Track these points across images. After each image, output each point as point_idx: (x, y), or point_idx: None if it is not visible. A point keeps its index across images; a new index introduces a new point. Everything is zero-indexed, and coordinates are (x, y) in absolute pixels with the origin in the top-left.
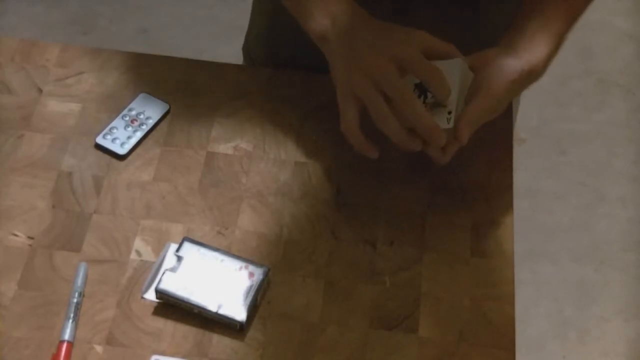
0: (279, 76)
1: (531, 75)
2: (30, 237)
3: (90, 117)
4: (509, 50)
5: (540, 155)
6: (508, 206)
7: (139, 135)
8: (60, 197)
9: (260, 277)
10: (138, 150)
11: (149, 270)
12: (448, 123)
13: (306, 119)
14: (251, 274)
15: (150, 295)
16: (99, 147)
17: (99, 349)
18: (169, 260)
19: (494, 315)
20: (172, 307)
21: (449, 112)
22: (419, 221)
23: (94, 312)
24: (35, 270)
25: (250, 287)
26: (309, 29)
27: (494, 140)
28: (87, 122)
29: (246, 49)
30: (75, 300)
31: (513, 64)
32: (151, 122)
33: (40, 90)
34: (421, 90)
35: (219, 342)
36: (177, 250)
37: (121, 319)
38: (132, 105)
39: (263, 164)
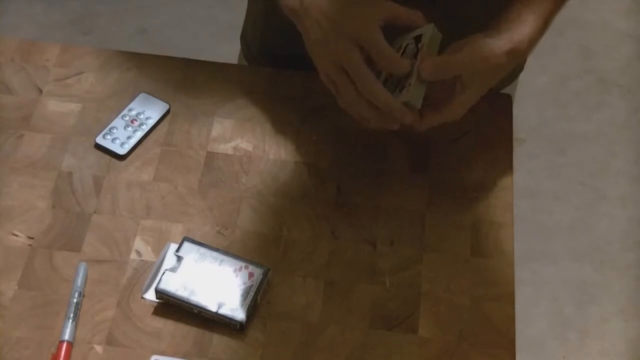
0: (279, 76)
1: (514, 55)
2: (30, 237)
3: (90, 117)
4: (492, 31)
5: (540, 155)
6: (508, 206)
7: (139, 135)
8: (60, 197)
9: (260, 277)
10: (138, 150)
11: (149, 270)
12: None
13: (306, 119)
14: (251, 274)
15: (150, 295)
16: (99, 147)
17: (99, 349)
18: (169, 260)
19: (494, 315)
20: (172, 307)
21: (409, 84)
22: (419, 221)
23: (94, 312)
24: (35, 270)
25: (250, 287)
26: (282, 4)
27: (494, 140)
28: (87, 122)
29: (244, 40)
30: (75, 300)
31: (496, 45)
32: (151, 122)
33: (40, 90)
34: (417, 41)
35: (219, 342)
36: (177, 250)
37: (121, 319)
38: (132, 105)
39: (263, 164)
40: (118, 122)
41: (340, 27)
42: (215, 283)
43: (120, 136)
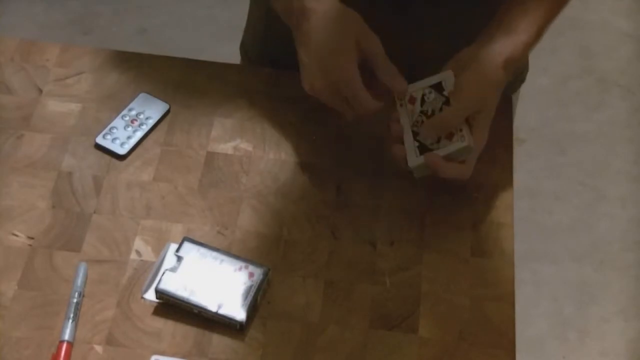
0: (279, 76)
1: (510, 64)
2: (30, 237)
3: (90, 117)
4: (485, 43)
5: (540, 155)
6: (508, 206)
7: (139, 135)
8: (60, 197)
9: (260, 277)
10: (138, 150)
11: (149, 270)
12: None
13: (306, 119)
14: (251, 274)
15: (150, 295)
16: (99, 147)
17: (99, 349)
18: (169, 260)
19: (494, 315)
20: (172, 307)
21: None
22: (419, 221)
23: (94, 312)
24: (35, 270)
25: (250, 287)
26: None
27: (494, 140)
28: (87, 122)
29: (243, 48)
30: (75, 300)
31: (489, 58)
32: (151, 122)
33: (40, 90)
34: (438, 89)
35: (219, 342)
36: (177, 250)
37: (121, 319)
38: (132, 105)
39: (263, 164)
40: (118, 122)
41: (322, 65)
42: (215, 283)
43: (120, 136)
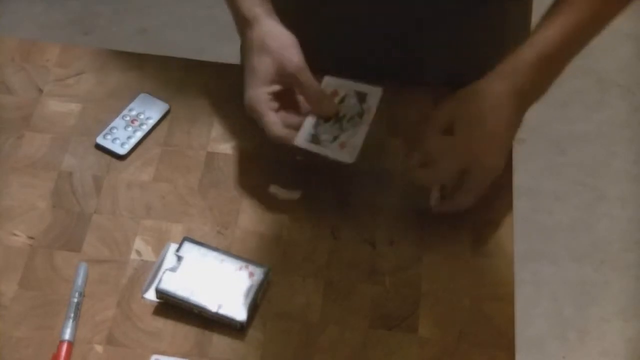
0: None
1: (506, 76)
2: (30, 237)
3: (90, 117)
4: (492, 74)
5: (540, 155)
6: (508, 206)
7: (139, 135)
8: (60, 197)
9: (260, 277)
10: (138, 150)
11: (149, 270)
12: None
13: None
14: (251, 274)
15: (151, 295)
16: (99, 147)
17: (99, 348)
18: (169, 260)
19: (494, 315)
20: (172, 307)
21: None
22: (419, 221)
23: (94, 312)
24: (35, 270)
25: (250, 287)
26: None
27: None
28: (87, 122)
29: (242, 51)
30: (75, 300)
31: (481, 81)
32: (151, 122)
33: (40, 90)
34: (360, 98)
35: (219, 342)
36: (177, 250)
37: (121, 319)
38: (132, 105)
39: (263, 164)
40: (118, 122)
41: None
42: (216, 283)
43: (121, 136)
